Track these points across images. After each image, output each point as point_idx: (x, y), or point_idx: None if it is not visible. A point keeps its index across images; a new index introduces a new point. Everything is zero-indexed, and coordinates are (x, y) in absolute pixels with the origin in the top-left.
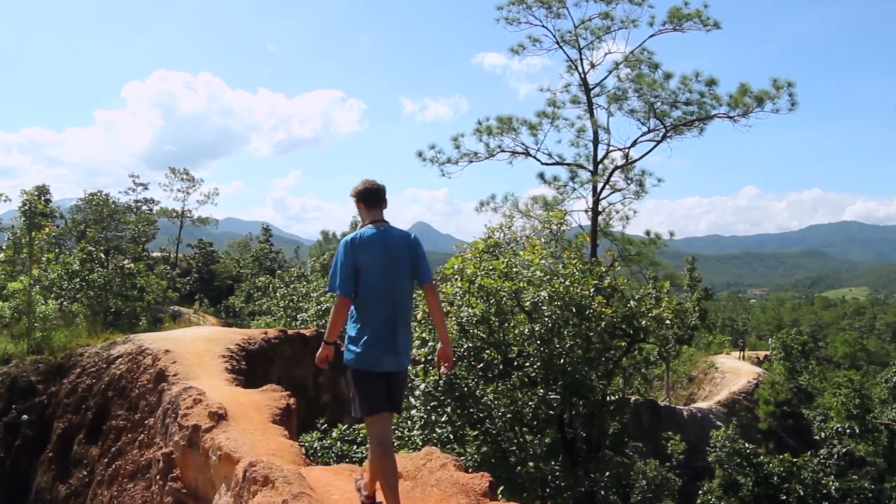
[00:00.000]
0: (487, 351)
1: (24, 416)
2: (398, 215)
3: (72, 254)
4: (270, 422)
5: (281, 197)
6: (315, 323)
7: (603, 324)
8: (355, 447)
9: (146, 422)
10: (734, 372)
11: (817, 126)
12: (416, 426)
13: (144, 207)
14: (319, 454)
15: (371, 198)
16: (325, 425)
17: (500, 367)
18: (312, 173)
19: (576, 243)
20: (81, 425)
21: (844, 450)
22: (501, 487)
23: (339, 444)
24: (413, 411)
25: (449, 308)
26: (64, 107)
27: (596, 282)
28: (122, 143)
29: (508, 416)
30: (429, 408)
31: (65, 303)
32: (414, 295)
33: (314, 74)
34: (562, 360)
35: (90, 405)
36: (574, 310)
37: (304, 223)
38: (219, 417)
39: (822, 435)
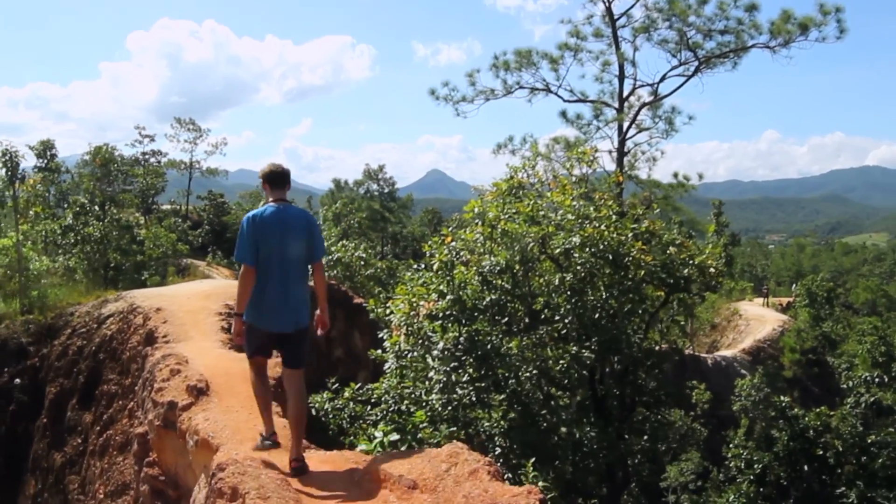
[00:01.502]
0: (511, 303)
1: (17, 381)
2: (411, 163)
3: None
4: None
5: (293, 147)
6: (327, 273)
7: (642, 273)
8: (369, 408)
9: (136, 388)
10: (759, 319)
11: (841, 68)
12: (436, 389)
13: (152, 160)
14: (331, 416)
15: (275, 180)
16: (337, 384)
17: (526, 320)
18: (324, 122)
19: (609, 182)
20: (74, 390)
21: (872, 399)
22: (533, 459)
23: (351, 404)
24: (431, 373)
25: (469, 256)
26: (68, 60)
27: (633, 226)
28: (129, 96)
29: (535, 373)
30: (448, 368)
31: (61, 259)
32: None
33: (322, 20)
34: (596, 314)
35: (81, 368)
36: (610, 257)
37: (316, 172)
38: (198, 392)
39: (850, 384)
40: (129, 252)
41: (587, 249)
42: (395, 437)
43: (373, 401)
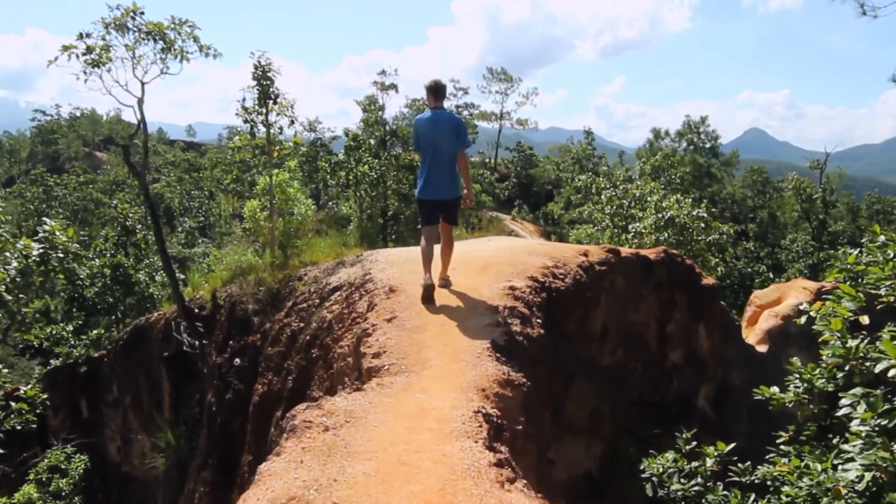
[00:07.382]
0: None
1: (237, 361)
2: (728, 121)
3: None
4: None
5: (604, 104)
6: (654, 237)
7: None
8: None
9: None
10: None
11: None
12: None
13: (465, 112)
14: (670, 493)
15: (433, 91)
16: (659, 431)
17: None
18: (638, 78)
19: None
20: (281, 395)
21: None
22: None
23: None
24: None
25: None
26: (400, 27)
27: None
28: (453, 58)
29: None
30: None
31: (332, 203)
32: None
33: None
34: None
35: (291, 366)
36: None
37: (627, 131)
38: None
39: None
40: (408, 197)
41: None
42: None
43: (762, 481)
